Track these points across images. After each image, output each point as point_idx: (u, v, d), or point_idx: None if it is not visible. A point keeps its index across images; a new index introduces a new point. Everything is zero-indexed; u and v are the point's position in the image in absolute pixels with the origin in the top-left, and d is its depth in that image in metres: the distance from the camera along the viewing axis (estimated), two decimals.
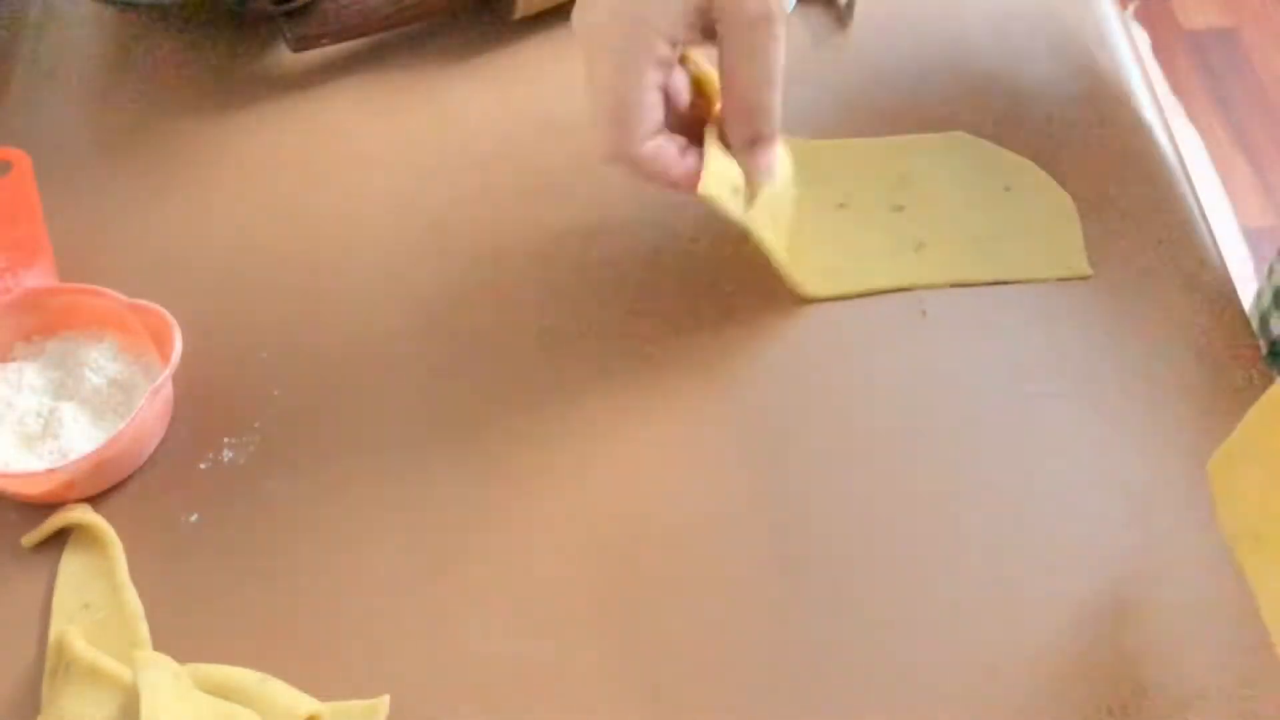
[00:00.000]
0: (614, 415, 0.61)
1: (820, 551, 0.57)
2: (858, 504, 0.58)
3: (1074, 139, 0.70)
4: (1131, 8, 1.90)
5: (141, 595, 0.56)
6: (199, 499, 0.59)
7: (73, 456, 0.57)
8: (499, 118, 0.72)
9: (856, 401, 0.61)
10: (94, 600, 0.56)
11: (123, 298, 0.60)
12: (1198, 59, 1.89)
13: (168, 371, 0.58)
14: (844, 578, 0.56)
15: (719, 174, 0.60)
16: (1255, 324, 0.75)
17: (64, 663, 0.53)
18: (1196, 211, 0.67)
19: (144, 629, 0.55)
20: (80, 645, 0.53)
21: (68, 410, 0.59)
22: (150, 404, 0.58)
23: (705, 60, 0.61)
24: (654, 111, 0.58)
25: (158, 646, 0.55)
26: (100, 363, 0.60)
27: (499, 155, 0.71)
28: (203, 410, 0.61)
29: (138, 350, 0.61)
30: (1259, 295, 0.84)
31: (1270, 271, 0.84)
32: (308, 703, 0.52)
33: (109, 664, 0.53)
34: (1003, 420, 0.60)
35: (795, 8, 0.76)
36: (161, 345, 0.60)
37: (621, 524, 0.58)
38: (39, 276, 0.64)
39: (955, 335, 0.63)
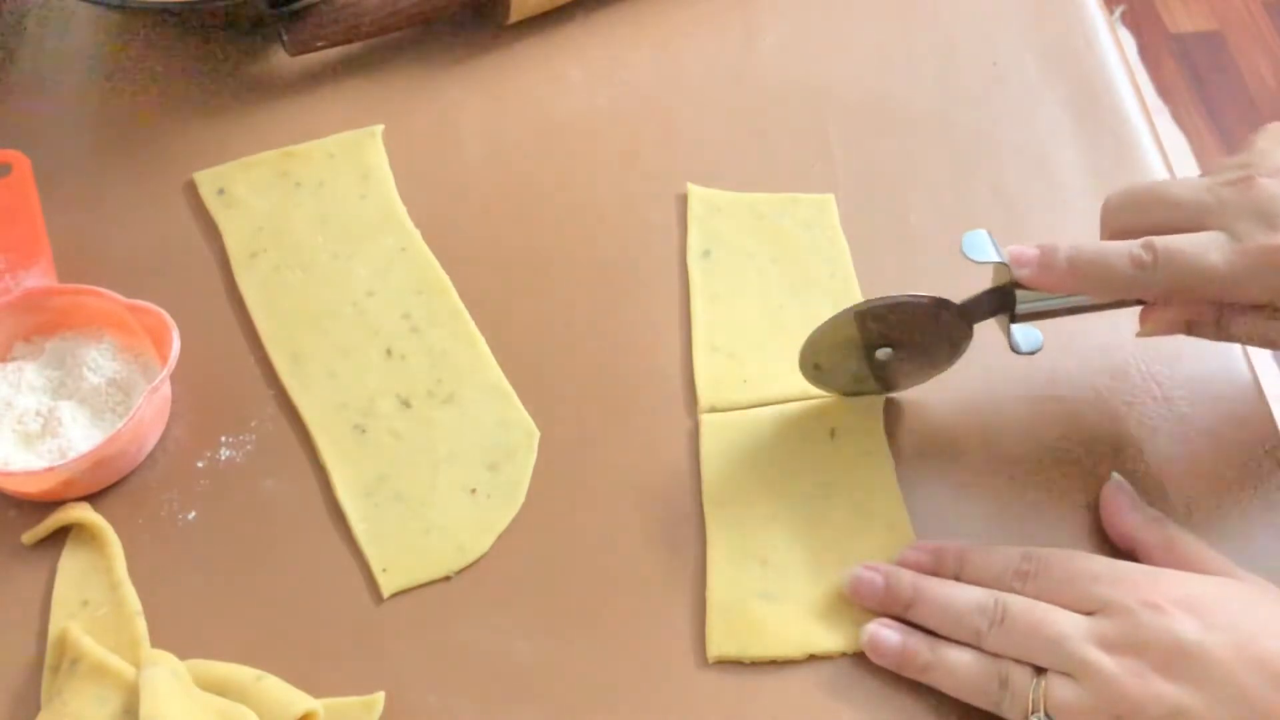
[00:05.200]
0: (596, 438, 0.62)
1: None
2: None
3: (1061, 143, 0.71)
4: (1118, 11, 1.91)
5: (139, 592, 0.57)
6: (196, 497, 0.60)
7: (72, 455, 0.58)
8: (492, 120, 0.73)
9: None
10: (93, 597, 0.56)
11: (121, 298, 0.61)
12: (1184, 62, 1.89)
13: (165, 371, 0.59)
14: None
15: None
16: None
17: (69, 659, 0.54)
18: None
19: (142, 625, 0.55)
20: (87, 642, 0.54)
21: (67, 409, 0.59)
22: (148, 403, 0.58)
23: None
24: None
25: (155, 643, 0.55)
26: (99, 362, 0.61)
27: (492, 158, 0.71)
28: (200, 410, 0.62)
29: (136, 350, 0.62)
30: None
31: None
32: (303, 700, 0.53)
33: (114, 661, 0.53)
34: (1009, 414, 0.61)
35: None
36: (160, 345, 0.61)
37: (618, 516, 0.59)
38: (38, 277, 0.64)
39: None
